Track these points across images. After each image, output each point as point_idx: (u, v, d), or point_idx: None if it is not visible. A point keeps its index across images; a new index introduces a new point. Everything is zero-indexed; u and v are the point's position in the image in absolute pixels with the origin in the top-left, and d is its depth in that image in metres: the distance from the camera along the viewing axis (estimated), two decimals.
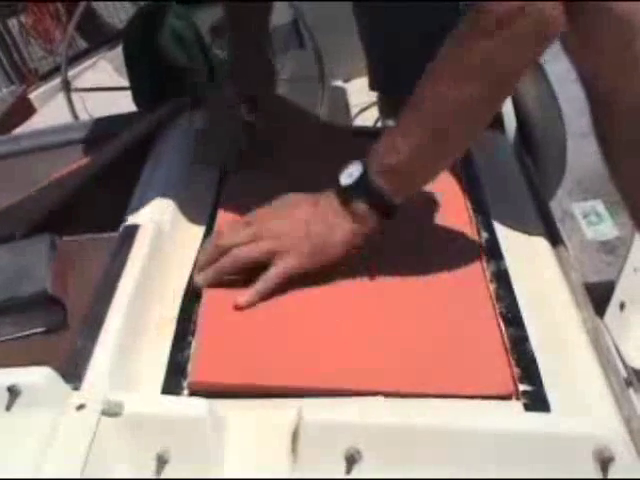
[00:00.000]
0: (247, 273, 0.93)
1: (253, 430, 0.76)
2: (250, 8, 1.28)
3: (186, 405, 0.77)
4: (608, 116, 0.97)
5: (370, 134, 1.37)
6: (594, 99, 0.98)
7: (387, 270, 0.94)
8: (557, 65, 1.03)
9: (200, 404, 0.75)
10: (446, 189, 1.07)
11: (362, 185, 0.91)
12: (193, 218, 1.08)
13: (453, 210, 1.06)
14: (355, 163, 0.92)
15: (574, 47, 0.93)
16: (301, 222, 0.92)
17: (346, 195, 0.92)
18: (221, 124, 1.27)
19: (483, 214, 1.06)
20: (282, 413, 0.77)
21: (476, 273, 0.96)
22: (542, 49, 0.88)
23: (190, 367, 0.84)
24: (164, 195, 1.08)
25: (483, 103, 0.89)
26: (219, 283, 0.94)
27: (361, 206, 0.91)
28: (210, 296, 0.93)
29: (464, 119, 0.90)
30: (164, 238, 1.01)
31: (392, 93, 1.60)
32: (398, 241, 0.96)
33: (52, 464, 0.68)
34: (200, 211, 1.10)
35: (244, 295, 0.90)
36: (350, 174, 0.92)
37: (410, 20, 1.40)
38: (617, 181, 1.03)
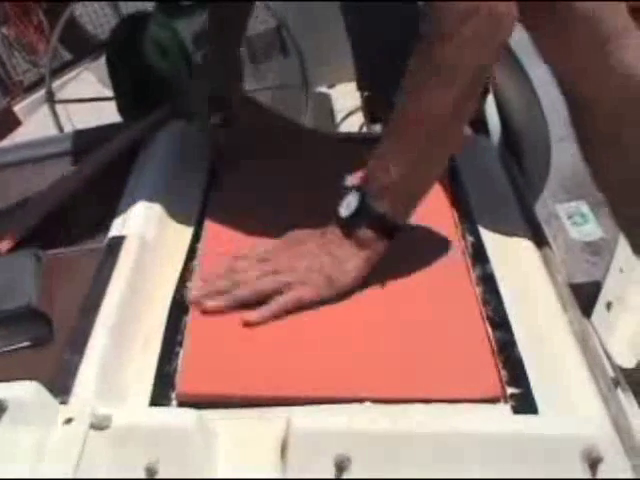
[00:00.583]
0: None
1: (242, 439, 0.76)
2: (234, 8, 1.28)
3: (174, 416, 0.77)
4: (586, 118, 0.98)
5: (356, 141, 1.38)
6: (572, 102, 0.99)
7: (371, 275, 0.94)
8: (538, 69, 1.03)
9: (188, 415, 0.75)
10: (431, 193, 1.07)
11: (362, 212, 0.91)
12: (179, 229, 1.08)
13: (438, 214, 1.06)
14: (351, 192, 0.92)
15: (549, 49, 0.94)
16: (312, 256, 0.93)
17: (348, 225, 0.92)
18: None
19: (468, 217, 1.07)
20: (271, 422, 0.77)
21: (462, 277, 0.96)
22: (501, 46, 0.89)
23: (178, 378, 0.84)
24: (149, 206, 1.08)
25: (460, 104, 0.90)
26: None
27: (366, 233, 0.91)
28: (198, 307, 0.93)
29: (445, 123, 0.90)
30: (150, 249, 1.01)
31: (380, 93, 1.61)
32: None
33: (41, 479, 0.68)
34: (186, 221, 1.09)
35: (255, 312, 0.90)
36: (348, 204, 0.92)
37: (397, 19, 1.41)
38: (598, 181, 1.03)
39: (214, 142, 1.25)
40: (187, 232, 1.07)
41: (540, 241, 1.03)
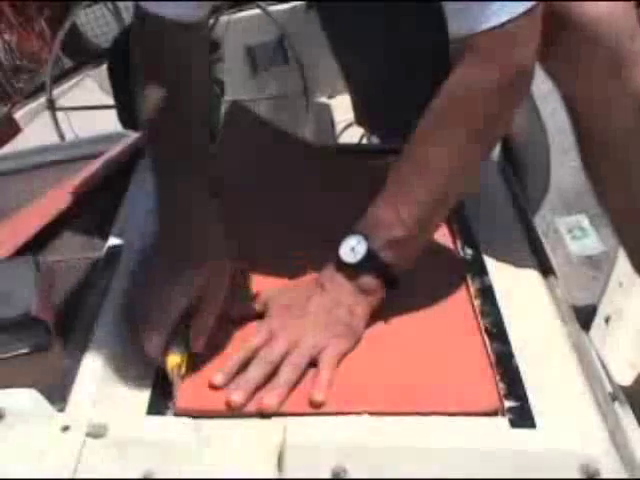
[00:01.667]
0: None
1: (239, 450, 0.76)
2: None
3: (171, 426, 0.77)
4: (593, 143, 0.97)
5: (356, 152, 1.37)
6: (579, 126, 0.99)
7: None
8: (538, 79, 1.04)
9: (185, 425, 0.75)
10: None
11: (369, 261, 0.88)
12: None
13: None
14: (354, 237, 0.89)
15: (563, 77, 0.94)
16: (322, 313, 0.88)
17: (352, 272, 0.89)
18: None
19: (467, 230, 1.06)
20: (268, 433, 0.76)
21: (460, 289, 0.96)
22: None
23: (176, 392, 0.83)
24: (148, 215, 1.08)
25: (486, 158, 0.91)
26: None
27: (370, 281, 0.89)
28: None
29: (468, 176, 0.91)
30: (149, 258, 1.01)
31: (379, 129, 1.60)
32: None
33: None
34: None
35: (317, 390, 0.82)
36: (352, 249, 0.89)
37: (393, 56, 1.39)
38: (604, 204, 1.03)
39: None
40: None
41: (539, 254, 1.03)
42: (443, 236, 1.05)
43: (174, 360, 0.83)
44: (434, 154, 0.88)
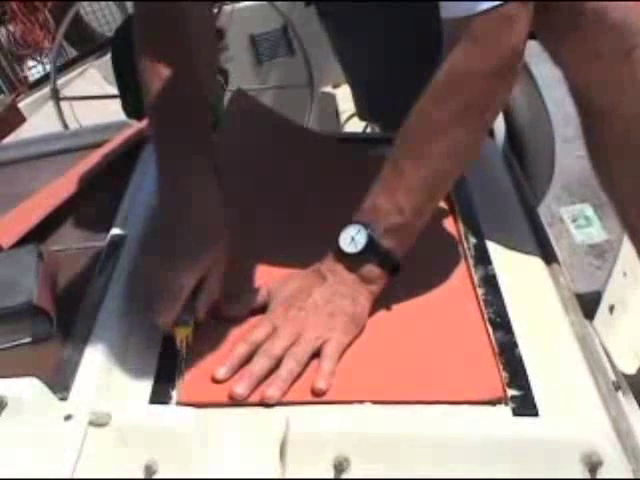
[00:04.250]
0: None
1: (241, 440, 0.76)
2: None
3: (173, 415, 0.77)
4: (600, 129, 0.97)
5: (357, 141, 1.37)
6: (587, 112, 0.98)
7: None
8: (543, 68, 1.03)
9: (187, 414, 0.75)
10: None
11: (370, 250, 0.88)
12: None
13: (440, 216, 1.06)
14: (354, 226, 0.89)
15: (569, 59, 0.93)
16: (324, 304, 0.88)
17: (354, 262, 0.89)
18: None
19: (471, 219, 1.06)
20: (270, 422, 0.76)
21: (464, 278, 0.96)
22: None
23: (179, 385, 0.83)
24: (151, 205, 1.07)
25: (482, 137, 0.92)
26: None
27: (372, 269, 0.89)
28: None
29: (464, 159, 0.91)
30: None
31: (380, 122, 1.60)
32: None
33: (39, 475, 0.68)
34: None
35: (321, 381, 0.81)
36: (352, 239, 0.89)
37: (391, 49, 1.39)
38: (608, 190, 1.03)
39: None
40: None
41: (543, 244, 1.02)
42: (447, 225, 1.05)
43: (183, 332, 0.84)
44: (428, 139, 0.88)
